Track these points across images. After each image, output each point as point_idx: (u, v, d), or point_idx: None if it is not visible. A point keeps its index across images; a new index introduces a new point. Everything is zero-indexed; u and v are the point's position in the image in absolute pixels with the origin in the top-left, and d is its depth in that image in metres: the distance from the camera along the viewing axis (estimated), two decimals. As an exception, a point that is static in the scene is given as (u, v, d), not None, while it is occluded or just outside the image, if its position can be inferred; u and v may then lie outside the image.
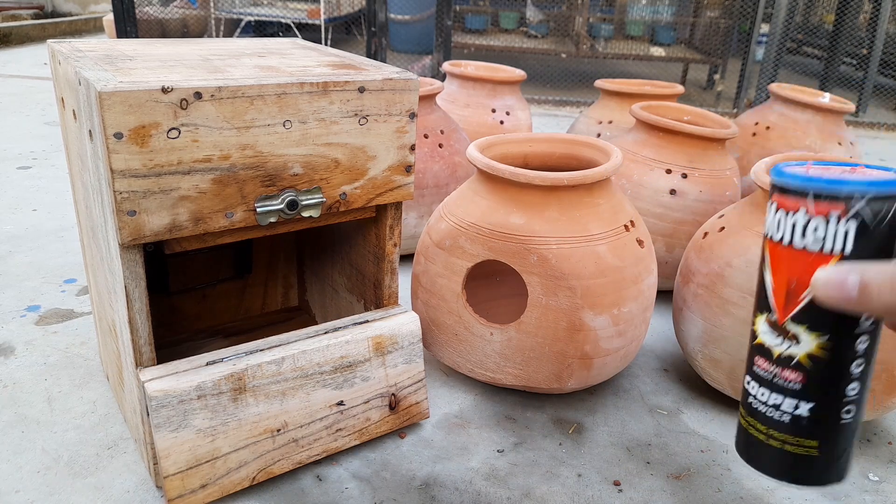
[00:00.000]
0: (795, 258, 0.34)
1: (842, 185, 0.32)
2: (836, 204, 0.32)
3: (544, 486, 0.81)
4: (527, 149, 1.02)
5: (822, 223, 0.33)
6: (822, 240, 0.33)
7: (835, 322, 0.34)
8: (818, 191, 0.33)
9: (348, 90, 0.72)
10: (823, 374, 0.35)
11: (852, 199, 0.32)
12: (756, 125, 1.55)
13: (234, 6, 4.02)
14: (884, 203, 0.32)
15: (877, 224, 0.32)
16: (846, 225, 0.33)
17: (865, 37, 3.44)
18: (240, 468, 0.74)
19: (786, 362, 0.36)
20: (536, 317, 0.84)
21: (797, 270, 0.34)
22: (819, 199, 0.33)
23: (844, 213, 0.32)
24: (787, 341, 0.36)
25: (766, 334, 0.37)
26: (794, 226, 0.34)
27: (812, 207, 0.33)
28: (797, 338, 0.35)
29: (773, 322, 0.36)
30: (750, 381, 0.38)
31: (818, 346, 0.35)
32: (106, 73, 0.64)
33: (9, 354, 1.01)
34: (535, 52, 3.43)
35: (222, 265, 1.04)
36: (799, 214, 0.34)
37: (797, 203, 0.34)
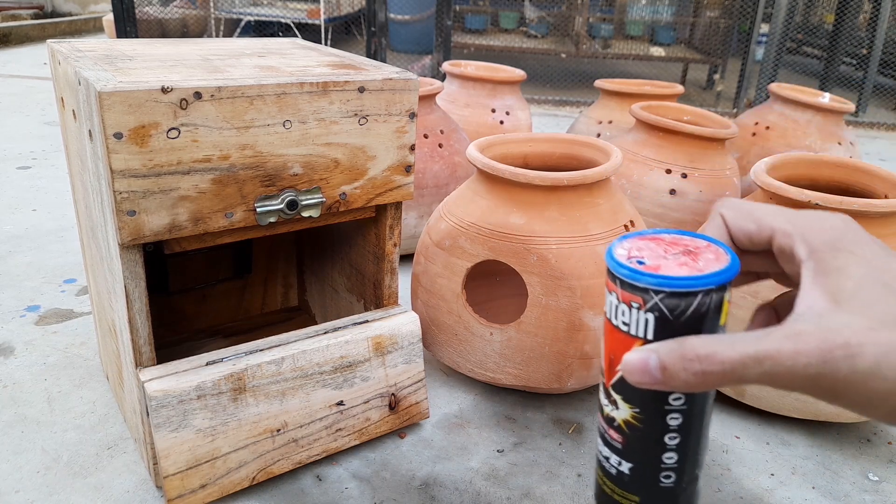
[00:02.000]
0: (613, 334, 0.36)
1: (640, 278, 0.34)
2: (635, 295, 0.34)
3: (544, 486, 0.81)
4: (527, 149, 1.02)
5: (627, 309, 0.35)
6: (628, 324, 0.35)
7: (643, 397, 0.37)
8: (623, 279, 0.35)
9: (348, 90, 0.72)
10: (638, 441, 0.38)
11: (648, 293, 0.34)
12: (756, 125, 1.55)
13: (234, 6, 4.02)
14: (681, 299, 0.34)
15: (675, 317, 0.34)
16: (646, 315, 0.34)
17: (865, 37, 3.44)
18: (239, 468, 0.74)
19: (610, 422, 0.39)
20: (536, 317, 0.84)
21: (615, 345, 0.36)
22: (624, 288, 0.35)
23: (643, 305, 0.34)
24: (611, 405, 0.38)
25: (601, 393, 0.39)
26: (611, 305, 0.36)
27: (620, 294, 0.35)
28: (616, 404, 0.38)
29: (604, 385, 0.39)
30: (598, 430, 0.41)
31: (631, 416, 0.37)
32: (106, 73, 0.64)
33: (9, 354, 1.01)
34: (535, 52, 3.43)
35: (222, 265, 1.04)
36: (613, 296, 0.36)
37: (612, 287, 0.36)
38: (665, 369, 0.33)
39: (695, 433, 0.38)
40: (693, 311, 0.34)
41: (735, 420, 0.95)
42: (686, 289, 0.33)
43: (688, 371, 0.32)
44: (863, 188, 0.98)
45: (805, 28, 4.29)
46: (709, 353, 0.32)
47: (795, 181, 0.97)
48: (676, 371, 0.32)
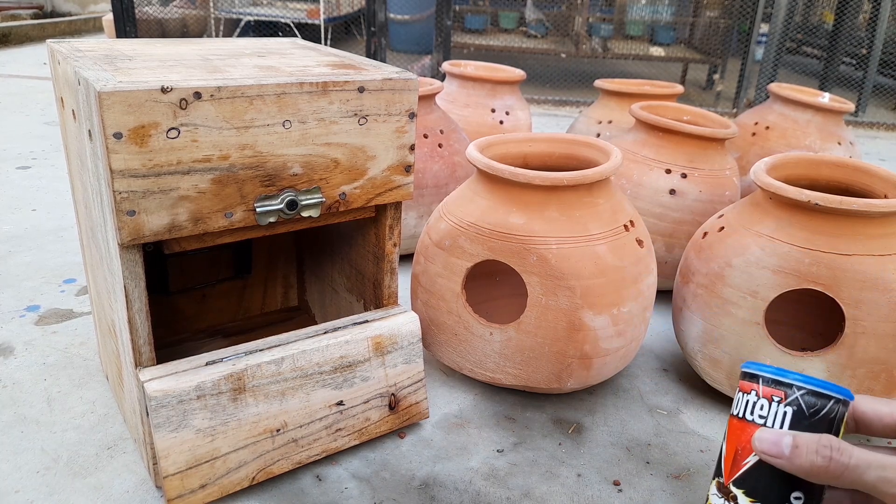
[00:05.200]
0: (744, 429, 0.41)
1: (788, 375, 0.40)
2: (778, 390, 0.40)
3: (544, 485, 0.81)
4: (526, 149, 1.02)
5: (766, 403, 0.40)
6: (765, 417, 0.40)
7: (768, 492, 0.40)
8: (767, 377, 0.40)
9: (348, 90, 0.72)
10: None
11: (792, 388, 0.40)
12: (756, 125, 1.55)
13: (234, 6, 4.02)
14: (819, 399, 0.39)
15: (810, 415, 0.39)
16: (784, 408, 0.40)
17: (865, 37, 3.43)
18: (239, 468, 0.74)
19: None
20: (536, 317, 0.84)
21: (744, 439, 0.41)
22: (767, 384, 0.40)
23: (784, 399, 0.40)
24: (728, 501, 0.41)
25: (714, 495, 0.43)
26: (747, 403, 0.41)
27: (761, 390, 0.41)
28: (736, 499, 0.41)
29: (721, 485, 0.42)
30: None
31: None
32: (105, 73, 0.64)
33: (8, 354, 1.01)
34: (535, 51, 3.43)
35: (222, 265, 1.04)
36: (752, 395, 0.41)
37: (752, 386, 0.41)
38: (797, 447, 0.38)
39: None
40: (825, 413, 0.39)
41: (735, 420, 0.95)
42: (825, 390, 0.39)
43: (819, 455, 0.37)
44: (863, 188, 0.98)
45: (805, 28, 4.29)
46: (842, 447, 0.37)
47: (795, 181, 0.97)
48: (808, 452, 0.38)
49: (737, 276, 0.87)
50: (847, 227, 0.82)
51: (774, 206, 0.88)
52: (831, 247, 0.82)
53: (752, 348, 0.86)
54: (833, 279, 0.81)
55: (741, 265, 0.87)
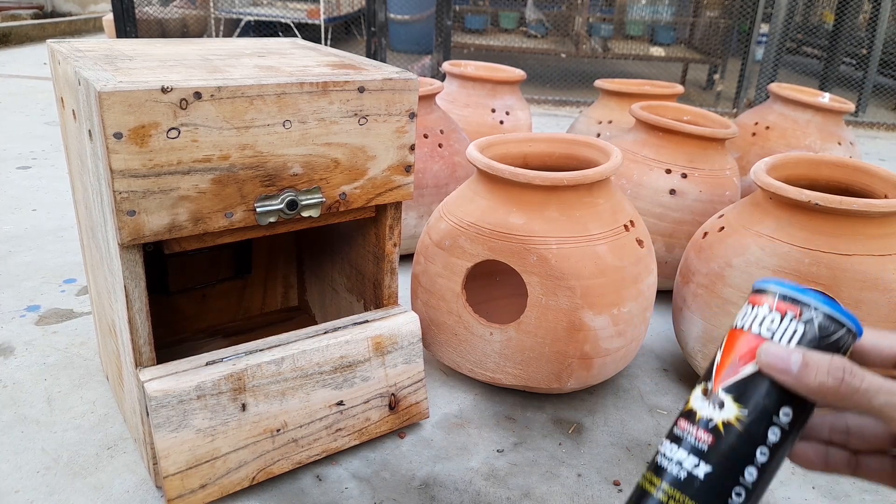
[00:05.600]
0: (748, 339, 0.39)
1: (808, 293, 0.38)
2: (794, 306, 0.38)
3: (544, 485, 0.81)
4: (526, 149, 1.02)
5: (779, 317, 0.39)
6: (773, 331, 0.39)
7: (759, 401, 0.39)
8: (786, 292, 0.39)
9: (348, 90, 0.72)
10: (731, 444, 0.39)
11: (810, 308, 0.38)
12: (756, 125, 1.55)
13: (234, 6, 4.02)
14: (833, 324, 0.38)
15: (822, 338, 0.38)
16: (797, 325, 0.38)
17: (865, 37, 3.44)
18: (239, 468, 0.74)
19: (704, 424, 0.40)
20: (536, 317, 0.84)
21: (744, 348, 0.39)
22: (783, 300, 0.39)
23: (799, 316, 0.38)
24: (713, 406, 0.40)
25: (697, 399, 0.41)
26: (756, 316, 0.39)
27: (775, 304, 0.39)
28: (722, 404, 0.39)
29: (708, 390, 0.41)
30: (664, 442, 0.42)
31: (736, 417, 0.39)
32: (106, 73, 0.64)
33: (9, 354, 1.01)
34: (535, 52, 3.43)
35: (222, 265, 1.04)
36: (763, 307, 0.39)
37: (765, 299, 0.39)
38: (807, 366, 0.36)
39: (779, 460, 0.39)
40: (835, 339, 0.38)
41: (735, 420, 0.95)
42: (843, 318, 0.38)
43: (830, 375, 0.36)
44: (862, 188, 0.98)
45: (805, 28, 4.29)
46: (854, 370, 0.37)
47: (795, 181, 0.97)
48: (818, 372, 0.36)
49: (737, 276, 0.87)
50: (847, 227, 0.82)
51: (774, 206, 0.88)
52: (831, 247, 0.82)
53: (752, 348, 0.86)
54: (833, 279, 0.81)
55: (741, 265, 0.87)
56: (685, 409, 0.41)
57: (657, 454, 0.41)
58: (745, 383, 0.39)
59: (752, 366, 0.38)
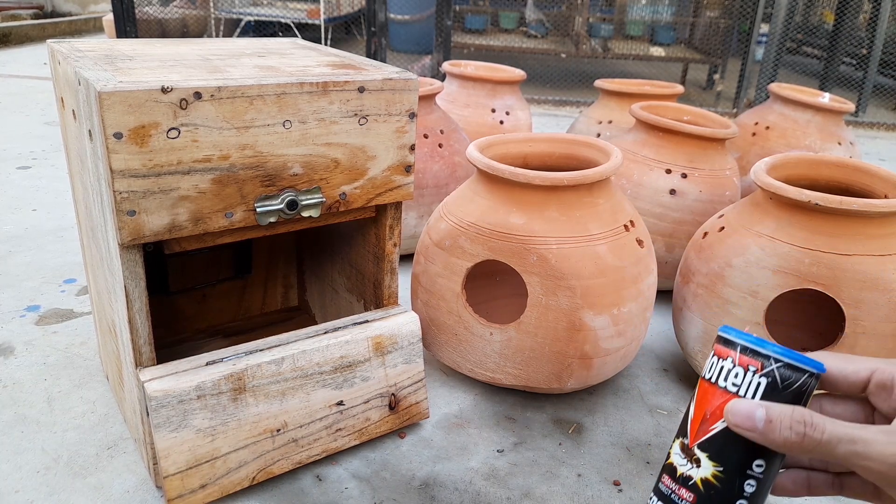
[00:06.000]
0: (716, 395, 0.41)
1: (766, 346, 0.40)
2: (755, 360, 0.40)
3: (544, 486, 0.81)
4: (526, 149, 1.02)
5: (742, 372, 0.40)
6: (738, 385, 0.40)
7: (732, 457, 0.41)
8: (745, 345, 0.40)
9: (348, 90, 0.72)
10: (712, 500, 0.41)
11: (769, 360, 0.39)
12: (756, 125, 1.55)
13: (234, 6, 4.02)
14: (794, 372, 0.39)
15: (784, 388, 0.40)
16: (759, 378, 0.40)
17: (865, 37, 3.44)
18: (239, 468, 0.74)
19: (685, 482, 0.42)
20: (536, 317, 0.84)
21: (714, 404, 0.41)
22: (744, 353, 0.40)
23: (760, 370, 0.40)
24: (691, 464, 0.42)
25: (677, 455, 0.43)
26: (721, 369, 0.41)
27: (737, 358, 0.40)
28: (699, 462, 0.41)
29: (685, 445, 0.42)
30: (652, 497, 0.44)
31: (713, 475, 0.41)
32: (106, 73, 0.64)
33: (9, 354, 1.01)
34: (535, 52, 3.43)
35: (222, 265, 1.04)
36: (727, 361, 0.41)
37: (728, 353, 0.41)
38: (770, 422, 0.38)
39: (760, 502, 0.42)
40: (798, 386, 0.40)
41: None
42: (802, 364, 0.39)
43: (792, 430, 0.38)
44: (862, 188, 0.98)
45: (805, 28, 4.29)
46: (816, 422, 0.38)
47: (795, 181, 0.97)
48: (782, 428, 0.38)
49: (737, 276, 0.87)
50: (847, 227, 0.82)
51: (774, 206, 0.88)
52: (831, 247, 0.82)
53: (753, 348, 0.86)
54: (833, 279, 0.81)
55: (741, 265, 0.87)
56: (667, 462, 0.44)
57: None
58: (718, 440, 0.41)
59: (722, 422, 0.40)
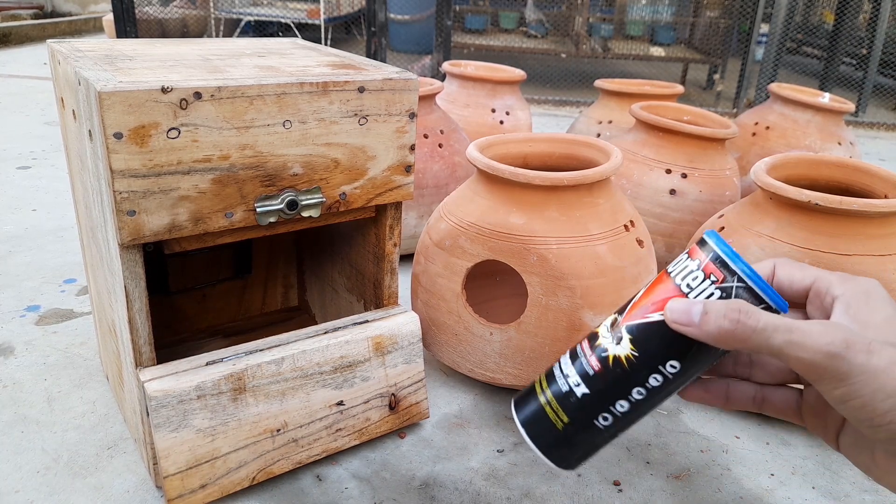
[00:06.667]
0: (668, 289, 0.41)
1: (738, 262, 0.39)
2: (720, 270, 0.39)
3: (544, 486, 0.81)
4: (527, 149, 1.02)
5: (701, 276, 0.39)
6: (692, 288, 0.40)
7: (651, 349, 0.41)
8: (718, 255, 0.39)
9: (348, 90, 0.72)
10: (613, 378, 0.41)
11: (734, 276, 0.39)
12: (756, 125, 1.55)
13: (234, 6, 4.02)
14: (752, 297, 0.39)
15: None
16: (715, 289, 0.39)
17: (865, 37, 3.43)
18: (239, 468, 0.74)
19: (598, 352, 0.42)
20: (536, 317, 0.85)
21: (661, 296, 0.41)
22: (714, 261, 0.39)
23: (720, 281, 0.39)
24: (613, 338, 0.42)
25: (605, 327, 0.43)
26: (685, 268, 0.41)
27: (704, 263, 0.40)
28: (620, 340, 0.41)
29: (616, 321, 0.42)
30: (565, 355, 0.45)
31: (626, 356, 0.41)
32: (106, 73, 0.64)
33: (9, 354, 1.01)
34: (535, 52, 3.43)
35: (222, 265, 1.04)
36: (694, 262, 0.40)
37: (699, 255, 0.40)
38: (706, 314, 0.37)
39: (655, 402, 0.42)
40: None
41: (735, 420, 0.95)
42: (763, 293, 0.38)
43: (727, 318, 0.37)
44: (862, 188, 0.98)
45: (805, 28, 4.29)
46: (750, 311, 0.37)
47: (795, 181, 0.97)
48: (716, 317, 0.37)
49: (737, 276, 0.87)
50: (847, 227, 0.82)
51: (774, 206, 0.88)
52: (831, 247, 0.82)
53: (753, 348, 0.86)
54: (833, 279, 0.81)
55: (741, 265, 0.86)
56: (593, 331, 0.44)
57: (557, 362, 0.45)
58: (647, 328, 0.40)
59: (660, 315, 0.40)
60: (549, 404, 0.43)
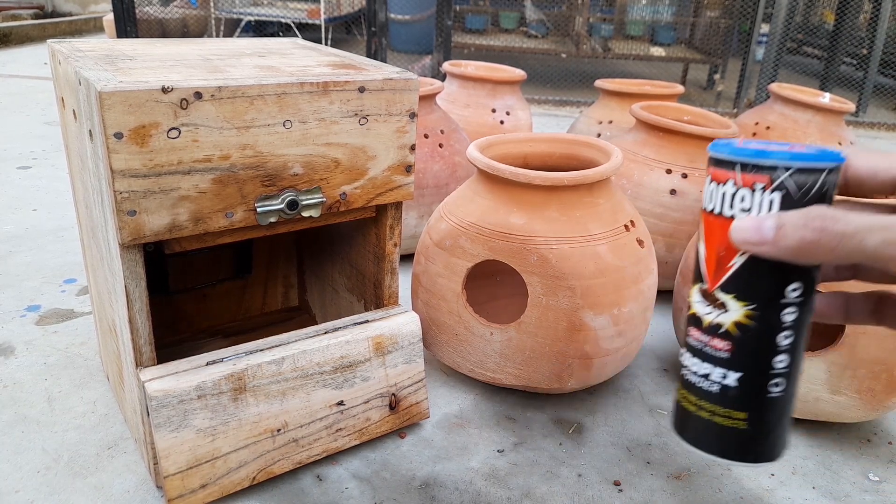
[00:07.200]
0: (724, 227, 0.35)
1: (767, 157, 0.33)
2: (761, 175, 0.33)
3: (544, 486, 0.81)
4: (527, 149, 1.02)
5: (748, 193, 0.34)
6: (748, 210, 0.34)
7: (761, 290, 0.35)
8: (745, 162, 0.34)
9: (348, 90, 0.72)
10: (750, 344, 0.36)
11: (776, 171, 0.33)
12: (756, 125, 1.55)
13: (234, 6, 4.02)
14: (809, 176, 0.33)
15: (801, 196, 0.33)
16: (770, 196, 0.33)
17: (865, 37, 3.43)
18: (240, 468, 0.74)
19: (714, 331, 0.36)
20: (536, 317, 0.84)
21: (726, 239, 0.35)
22: (746, 170, 0.34)
23: (769, 185, 0.33)
24: (716, 310, 0.36)
25: (698, 304, 0.37)
26: (723, 196, 0.35)
27: (739, 178, 0.34)
28: (725, 306, 0.36)
29: (704, 291, 0.37)
30: (684, 353, 0.39)
31: (745, 315, 0.35)
32: (106, 72, 0.64)
33: (9, 354, 1.01)
34: (535, 52, 3.43)
35: (222, 265, 1.04)
36: (728, 185, 0.35)
37: (727, 174, 0.35)
38: (781, 227, 0.32)
39: (805, 330, 0.36)
40: (817, 189, 0.33)
41: (735, 420, 0.95)
42: (815, 163, 0.33)
43: (808, 227, 0.32)
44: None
45: (805, 28, 4.29)
46: (836, 215, 0.31)
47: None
48: (794, 229, 0.32)
49: (737, 276, 0.87)
50: None
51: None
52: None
53: (753, 348, 0.86)
54: (833, 279, 0.81)
55: (741, 265, 0.87)
56: (689, 313, 0.38)
57: (682, 368, 0.39)
58: (741, 276, 0.35)
59: (741, 255, 0.35)
60: (716, 413, 0.37)
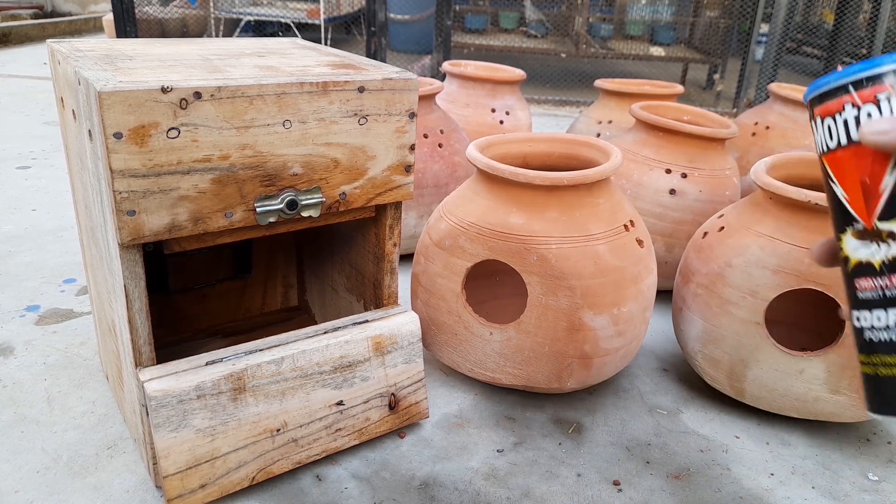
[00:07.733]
0: (859, 155, 0.31)
1: (878, 65, 0.31)
2: (881, 85, 0.31)
3: (544, 485, 0.81)
4: (526, 149, 1.02)
5: (873, 108, 0.31)
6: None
7: None
8: (856, 78, 0.31)
9: (348, 90, 0.72)
10: None
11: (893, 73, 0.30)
12: (756, 125, 1.55)
13: (234, 6, 4.02)
14: None
15: None
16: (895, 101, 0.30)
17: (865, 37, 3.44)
18: (239, 468, 0.74)
19: (892, 268, 0.32)
20: (536, 317, 0.84)
21: (865, 165, 0.31)
22: (861, 87, 0.31)
23: (893, 90, 0.31)
24: (885, 244, 0.32)
25: (859, 249, 0.33)
26: (846, 122, 0.32)
27: (855, 98, 0.31)
28: (894, 235, 0.31)
29: (862, 231, 0.33)
30: (858, 316, 0.34)
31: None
32: (106, 72, 0.64)
33: (8, 354, 1.01)
34: (535, 51, 3.43)
35: (222, 265, 1.04)
36: (847, 111, 0.32)
37: (840, 101, 0.32)
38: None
39: None
40: None
41: (735, 420, 0.95)
42: None
43: None
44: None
45: (805, 28, 4.29)
46: None
47: (795, 181, 0.97)
48: None
49: (737, 276, 0.87)
50: (847, 227, 0.82)
51: (774, 206, 0.88)
52: (831, 247, 0.82)
53: (752, 348, 0.86)
54: (834, 279, 0.81)
55: (741, 265, 0.87)
56: (850, 267, 0.34)
57: (862, 333, 0.34)
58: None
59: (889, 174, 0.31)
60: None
